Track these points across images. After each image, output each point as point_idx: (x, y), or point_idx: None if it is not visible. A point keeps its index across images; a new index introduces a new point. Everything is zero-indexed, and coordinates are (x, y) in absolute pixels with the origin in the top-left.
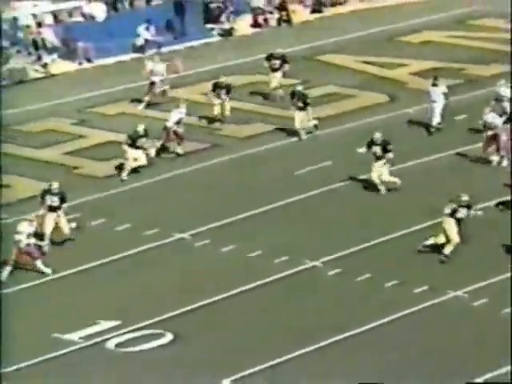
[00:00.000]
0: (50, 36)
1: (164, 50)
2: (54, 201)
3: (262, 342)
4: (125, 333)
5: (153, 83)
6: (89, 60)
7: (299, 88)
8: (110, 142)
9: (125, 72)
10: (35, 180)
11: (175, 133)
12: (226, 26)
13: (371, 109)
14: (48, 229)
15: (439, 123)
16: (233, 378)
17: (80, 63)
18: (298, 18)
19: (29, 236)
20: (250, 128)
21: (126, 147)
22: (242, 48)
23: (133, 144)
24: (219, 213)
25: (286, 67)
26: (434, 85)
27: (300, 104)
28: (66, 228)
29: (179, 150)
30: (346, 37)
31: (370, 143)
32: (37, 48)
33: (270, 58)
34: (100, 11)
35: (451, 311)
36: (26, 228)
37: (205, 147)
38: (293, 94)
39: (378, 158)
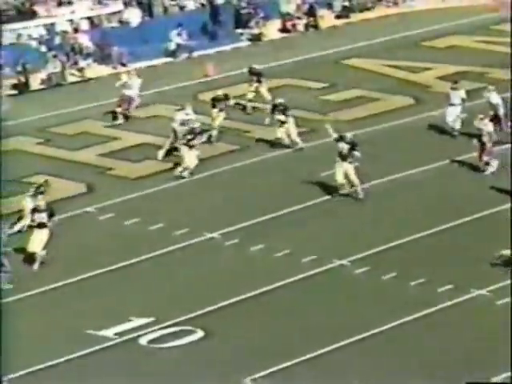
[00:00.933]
0: (85, 41)
1: (195, 54)
2: (42, 218)
3: (289, 339)
4: (157, 329)
5: (128, 97)
6: (123, 64)
7: (280, 100)
8: (143, 144)
9: (157, 76)
10: (72, 181)
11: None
12: (255, 30)
13: (397, 112)
14: (38, 247)
15: (455, 128)
16: (261, 374)
17: (114, 67)
18: (326, 24)
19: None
20: (275, 131)
21: (183, 147)
22: (270, 52)
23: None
24: (248, 213)
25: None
26: (454, 88)
27: (281, 117)
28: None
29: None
30: (372, 41)
31: (339, 139)
32: (74, 53)
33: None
34: (135, 17)
35: (475, 310)
36: None
37: (234, 149)
38: (274, 108)
39: (343, 158)
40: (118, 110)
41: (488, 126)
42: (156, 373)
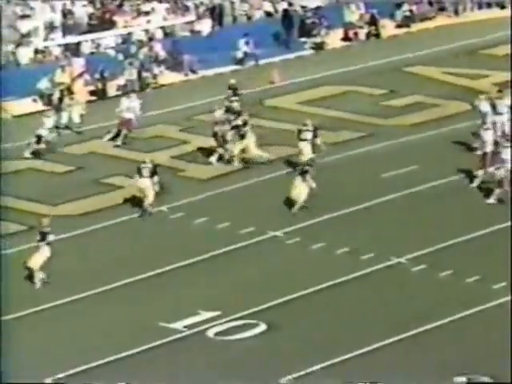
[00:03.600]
0: (159, 49)
1: (261, 62)
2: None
3: (349, 333)
4: (223, 322)
5: (129, 120)
6: (193, 71)
7: (235, 104)
8: (212, 147)
9: (225, 83)
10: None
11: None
12: (318, 39)
13: (455, 117)
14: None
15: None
16: (323, 365)
17: (186, 74)
18: (387, 33)
19: None
20: (340, 134)
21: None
22: (333, 60)
23: None
24: (309, 212)
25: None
26: (499, 97)
27: (239, 122)
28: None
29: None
30: (432, 50)
31: (300, 130)
32: (148, 61)
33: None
34: (206, 26)
35: None
36: None
37: (295, 152)
38: (227, 110)
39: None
40: (124, 131)
41: (487, 136)
42: (222, 364)
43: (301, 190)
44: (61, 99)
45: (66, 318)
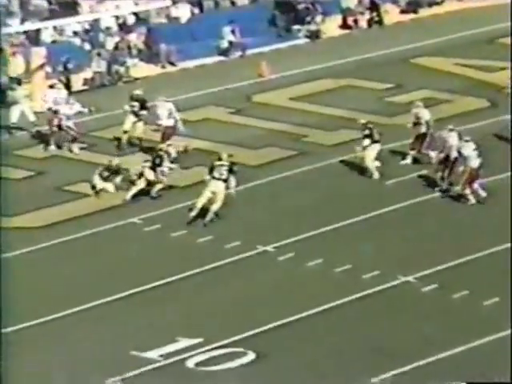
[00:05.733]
0: (133, 38)
1: (249, 52)
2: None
3: (351, 362)
4: (205, 351)
5: (55, 112)
6: (171, 63)
7: (138, 92)
8: (194, 149)
9: (208, 76)
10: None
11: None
12: (313, 27)
13: (470, 115)
14: None
15: None
16: None
17: (163, 66)
18: (391, 19)
19: None
20: (338, 135)
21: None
22: (330, 50)
23: None
24: (304, 224)
25: (145, 113)
26: None
27: (135, 108)
28: None
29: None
30: (442, 38)
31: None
32: (119, 51)
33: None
34: (184, 12)
35: None
36: None
37: (289, 155)
38: (131, 98)
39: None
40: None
41: (452, 139)
42: None
43: (218, 197)
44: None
45: (22, 347)
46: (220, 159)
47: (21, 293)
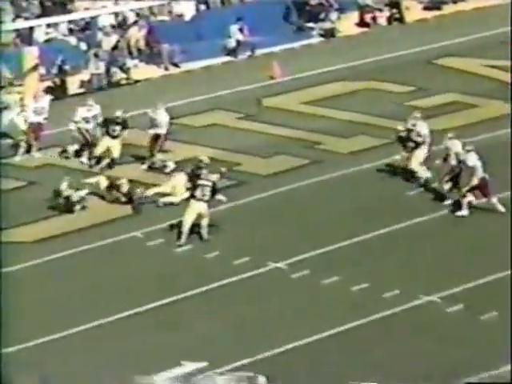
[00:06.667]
0: (132, 37)
1: (258, 52)
2: None
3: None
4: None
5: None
6: (175, 64)
7: (119, 113)
8: (193, 159)
9: (214, 78)
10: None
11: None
12: (328, 24)
13: (498, 120)
14: None
15: None
16: None
17: (165, 68)
18: (412, 16)
19: None
20: (356, 142)
21: None
22: (346, 50)
23: None
24: (319, 239)
25: (125, 134)
26: None
27: (115, 132)
28: None
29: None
30: (468, 37)
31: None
32: (118, 51)
33: (107, 122)
34: (188, 8)
35: None
36: None
37: (302, 164)
38: (105, 122)
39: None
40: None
41: (456, 146)
42: None
43: (205, 214)
44: None
45: (17, 369)
46: (200, 176)
47: (10, 316)
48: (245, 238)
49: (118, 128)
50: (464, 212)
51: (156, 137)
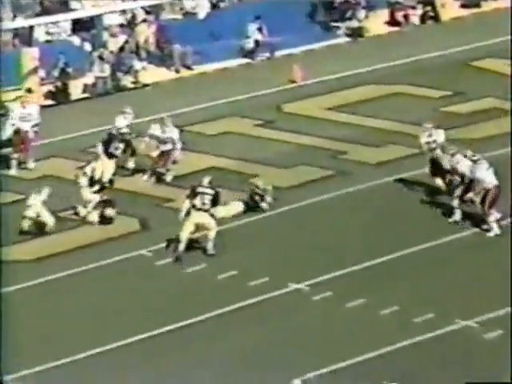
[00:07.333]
0: (140, 37)
1: (278, 53)
2: None
3: None
4: None
5: (18, 132)
6: (187, 67)
7: (125, 130)
8: (209, 169)
9: (230, 82)
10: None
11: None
12: (355, 23)
13: None
14: None
15: None
16: None
17: (177, 70)
18: (448, 14)
19: None
20: (385, 151)
21: None
22: (376, 51)
23: None
24: (344, 258)
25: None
26: None
27: (117, 150)
28: None
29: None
30: (508, 37)
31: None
32: (125, 52)
33: (110, 140)
34: (202, 6)
35: None
36: None
37: (326, 175)
38: (109, 138)
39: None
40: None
41: (462, 165)
42: None
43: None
44: None
45: None
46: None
47: (14, 334)
48: (263, 257)
49: (121, 146)
50: (495, 231)
51: (164, 152)
